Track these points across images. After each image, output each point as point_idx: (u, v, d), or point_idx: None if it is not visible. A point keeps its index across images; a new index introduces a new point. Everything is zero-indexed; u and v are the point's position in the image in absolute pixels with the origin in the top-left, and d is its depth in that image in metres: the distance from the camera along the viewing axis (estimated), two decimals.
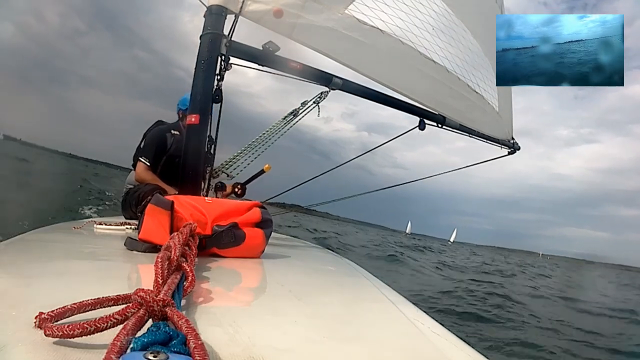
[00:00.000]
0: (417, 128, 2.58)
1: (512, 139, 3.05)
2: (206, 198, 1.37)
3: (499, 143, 2.96)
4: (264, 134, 2.21)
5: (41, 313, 0.43)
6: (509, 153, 3.08)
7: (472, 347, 0.57)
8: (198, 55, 1.79)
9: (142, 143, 2.39)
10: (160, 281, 0.53)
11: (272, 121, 2.26)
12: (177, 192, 2.05)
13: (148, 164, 2.28)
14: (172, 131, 2.39)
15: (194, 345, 0.36)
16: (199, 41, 1.80)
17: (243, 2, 1.76)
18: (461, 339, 0.59)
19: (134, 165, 2.38)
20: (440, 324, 0.66)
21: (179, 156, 2.27)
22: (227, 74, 1.81)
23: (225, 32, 1.80)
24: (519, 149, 3.09)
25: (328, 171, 2.60)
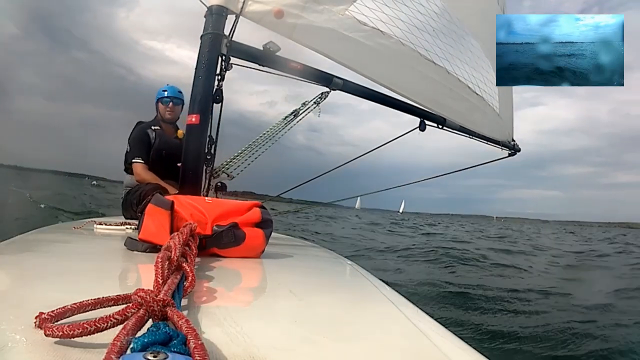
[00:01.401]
0: (418, 129, 2.59)
1: (513, 140, 3.05)
2: (206, 198, 1.37)
3: (500, 145, 2.96)
4: (264, 134, 2.21)
5: (41, 313, 0.43)
6: (510, 154, 3.08)
7: (473, 347, 0.56)
8: (198, 56, 1.79)
9: (129, 146, 2.43)
10: (160, 281, 0.53)
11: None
12: (176, 189, 2.07)
13: (142, 162, 2.32)
14: (152, 127, 2.43)
15: (194, 345, 0.36)
16: (200, 41, 1.80)
17: (244, 2, 1.76)
18: (462, 339, 0.59)
19: (126, 170, 2.42)
20: (440, 324, 0.66)
21: (164, 149, 2.32)
22: (164, 68, 1.80)
23: (226, 32, 1.80)
24: (519, 150, 3.09)
25: (330, 170, 2.60)
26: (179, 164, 2.24)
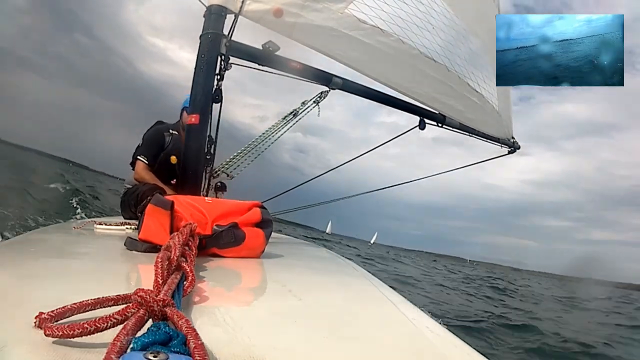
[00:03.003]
0: (418, 127, 2.58)
1: (512, 137, 3.05)
2: (206, 198, 1.37)
3: (499, 142, 2.96)
4: (263, 134, 2.21)
5: (41, 313, 0.43)
6: (509, 152, 3.08)
7: (472, 347, 0.57)
8: (198, 55, 1.79)
9: (141, 142, 2.40)
10: (160, 281, 0.53)
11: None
12: (173, 192, 2.06)
13: (146, 162, 2.30)
14: (171, 130, 2.41)
15: (194, 345, 0.36)
16: (199, 41, 1.80)
17: (243, 1, 1.76)
18: (461, 338, 0.59)
19: (132, 164, 2.39)
20: (440, 323, 0.66)
21: (175, 156, 2.29)
22: (163, 66, 1.79)
23: (226, 31, 1.80)
24: (519, 147, 3.09)
25: (320, 175, 2.60)
26: (173, 181, 2.22)
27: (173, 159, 2.23)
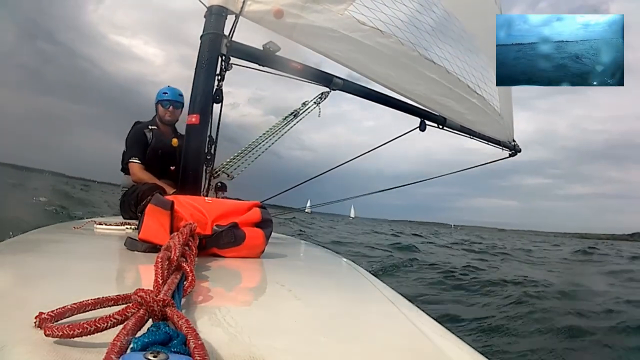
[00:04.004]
0: (418, 129, 2.58)
1: (513, 140, 3.05)
2: (206, 198, 1.37)
3: (500, 145, 2.96)
4: (264, 134, 2.21)
5: (41, 313, 0.43)
6: (510, 155, 3.07)
7: (473, 347, 0.57)
8: (198, 56, 1.79)
9: (126, 147, 2.43)
10: (160, 281, 0.53)
11: None
12: (173, 188, 2.08)
13: (139, 162, 2.32)
14: (150, 127, 2.43)
15: (194, 345, 0.36)
16: (200, 41, 1.80)
17: (243, 2, 1.76)
18: (461, 338, 0.59)
19: (123, 170, 2.42)
20: (440, 323, 0.66)
21: (160, 149, 2.34)
22: (130, 64, 1.79)
23: (226, 32, 1.80)
24: (519, 151, 3.07)
25: (326, 172, 2.59)
26: (172, 167, 2.27)
27: (175, 141, 2.34)
